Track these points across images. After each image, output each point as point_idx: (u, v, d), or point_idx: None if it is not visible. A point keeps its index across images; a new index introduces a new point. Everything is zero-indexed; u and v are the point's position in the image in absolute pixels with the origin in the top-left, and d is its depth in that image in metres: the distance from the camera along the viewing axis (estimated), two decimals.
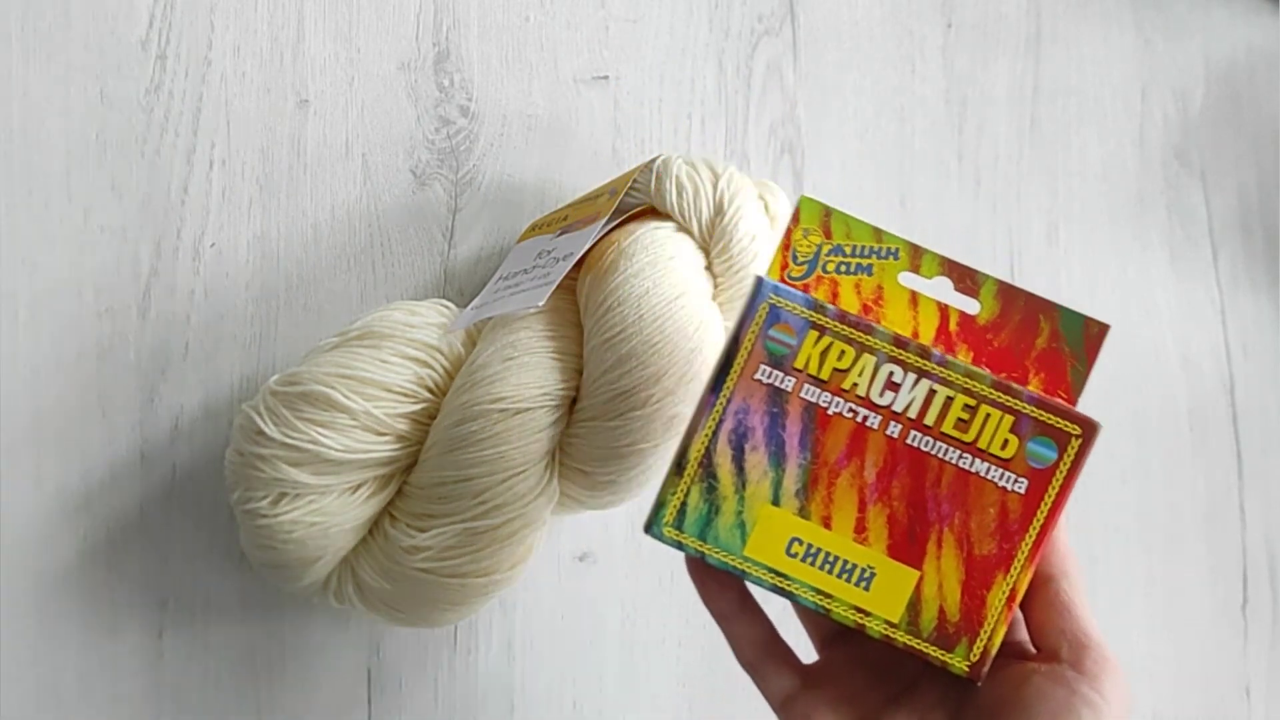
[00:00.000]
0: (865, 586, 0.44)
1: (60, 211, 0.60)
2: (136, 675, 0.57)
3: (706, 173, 0.55)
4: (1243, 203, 0.63)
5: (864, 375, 0.44)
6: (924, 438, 0.44)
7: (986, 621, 0.43)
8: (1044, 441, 0.43)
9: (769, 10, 0.63)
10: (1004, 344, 0.46)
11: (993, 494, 0.43)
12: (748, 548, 0.44)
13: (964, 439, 0.44)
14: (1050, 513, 0.44)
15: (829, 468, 0.44)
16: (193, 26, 0.61)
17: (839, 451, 0.44)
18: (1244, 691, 0.58)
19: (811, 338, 0.44)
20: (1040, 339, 0.46)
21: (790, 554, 0.44)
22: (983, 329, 0.45)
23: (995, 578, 0.43)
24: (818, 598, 0.44)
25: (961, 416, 0.44)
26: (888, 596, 0.44)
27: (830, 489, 0.44)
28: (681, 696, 0.58)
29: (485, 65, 0.62)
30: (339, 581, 0.52)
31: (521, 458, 0.50)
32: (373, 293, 0.60)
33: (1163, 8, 0.65)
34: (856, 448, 0.44)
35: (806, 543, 0.44)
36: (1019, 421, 0.43)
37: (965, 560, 0.43)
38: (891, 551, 0.44)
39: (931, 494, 0.44)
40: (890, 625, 0.44)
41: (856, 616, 0.44)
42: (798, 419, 0.44)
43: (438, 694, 0.57)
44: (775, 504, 0.44)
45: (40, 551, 0.57)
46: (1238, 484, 0.60)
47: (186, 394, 0.59)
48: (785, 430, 0.44)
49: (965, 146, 0.63)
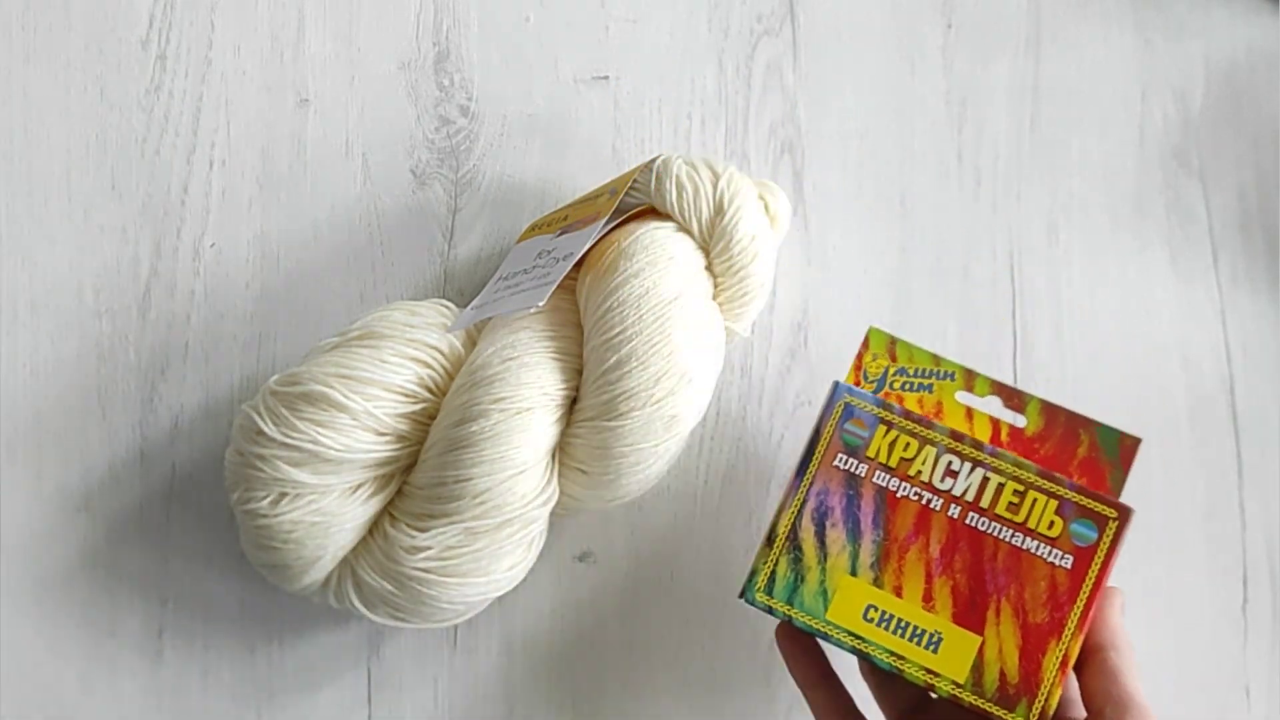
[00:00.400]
0: (934, 650, 0.48)
1: (60, 211, 0.60)
2: (136, 675, 0.57)
3: (706, 173, 0.55)
4: (1243, 203, 0.63)
5: (927, 464, 0.50)
6: (980, 518, 0.49)
7: (1043, 683, 0.48)
8: (1085, 523, 0.49)
9: (769, 10, 0.63)
10: (1049, 453, 0.52)
11: (1043, 568, 0.49)
12: (829, 612, 0.49)
13: (1015, 519, 0.49)
14: (1095, 585, 0.48)
15: (899, 543, 0.50)
16: (193, 26, 0.61)
17: (907, 529, 0.50)
18: (1244, 691, 0.58)
19: (881, 431, 0.51)
20: (1081, 449, 0.52)
21: (867, 619, 0.49)
22: (1030, 440, 0.52)
23: (1049, 644, 0.48)
24: (892, 659, 0.49)
25: (1012, 500, 0.49)
26: (954, 659, 0.48)
27: (901, 562, 0.49)
28: (682, 696, 0.58)
29: (485, 65, 0.62)
30: (339, 581, 0.52)
31: (521, 458, 0.50)
32: (373, 293, 0.60)
33: (1163, 8, 0.65)
34: (922, 526, 0.50)
35: (881, 609, 0.49)
36: (1063, 505, 0.49)
37: (1022, 627, 0.48)
38: (956, 619, 0.49)
39: (989, 567, 0.49)
40: (957, 685, 0.48)
41: (927, 676, 0.48)
42: (871, 500, 0.50)
43: (438, 694, 0.57)
44: (853, 574, 0.49)
45: (40, 551, 0.57)
46: (1238, 484, 0.60)
47: (186, 394, 0.59)
48: (860, 510, 0.50)
49: (965, 146, 0.63)
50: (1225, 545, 0.59)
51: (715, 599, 0.58)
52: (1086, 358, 0.61)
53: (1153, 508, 0.60)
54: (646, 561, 0.58)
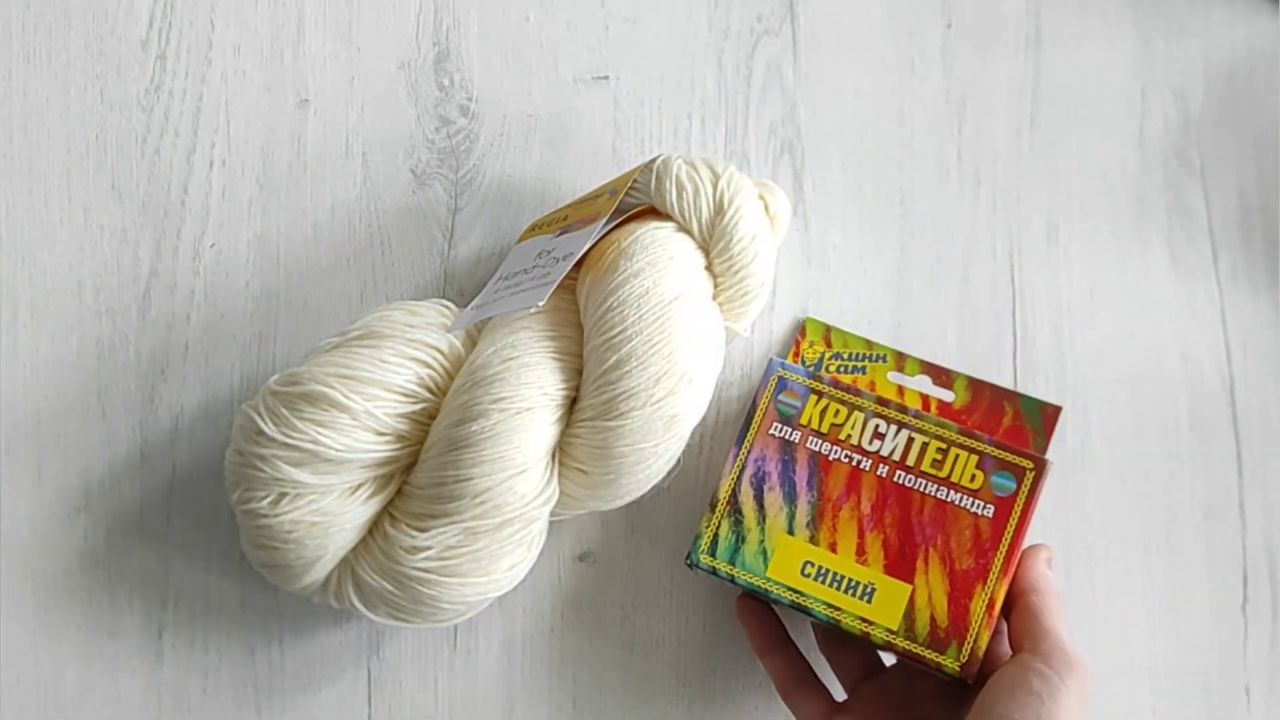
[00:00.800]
0: (868, 600, 0.52)
1: (60, 211, 0.60)
2: (136, 675, 0.57)
3: (706, 172, 0.55)
4: (1243, 203, 0.63)
5: (855, 428, 0.54)
6: (907, 475, 0.53)
7: (972, 626, 0.51)
8: (1004, 475, 0.53)
9: (769, 10, 0.63)
10: (976, 424, 0.56)
11: (967, 519, 0.52)
12: (769, 570, 0.53)
13: (939, 475, 0.53)
14: (1016, 532, 0.52)
15: (832, 503, 0.53)
16: (193, 26, 0.61)
17: (839, 489, 0.54)
18: (1244, 691, 0.58)
19: (812, 400, 0.55)
20: (1006, 419, 0.56)
21: (804, 574, 0.52)
22: (958, 412, 0.57)
23: (975, 589, 0.52)
24: (829, 610, 0.52)
25: (936, 457, 0.53)
26: (887, 608, 0.52)
27: (835, 520, 0.53)
28: (681, 696, 0.58)
29: (485, 65, 0.62)
30: (339, 581, 0.52)
31: (521, 457, 0.50)
32: (373, 293, 0.60)
33: (1163, 8, 0.65)
34: (854, 485, 0.54)
35: (817, 565, 0.53)
36: (983, 459, 0.53)
37: (949, 575, 0.52)
38: (888, 570, 0.52)
39: (917, 521, 0.53)
40: (890, 632, 0.51)
41: (862, 625, 0.52)
42: (805, 464, 0.54)
43: (438, 694, 0.57)
44: (790, 533, 0.53)
45: (40, 551, 0.57)
46: (1238, 484, 0.60)
47: (186, 394, 0.59)
48: (795, 473, 0.54)
49: (965, 146, 0.63)
50: (1225, 545, 0.59)
51: (715, 599, 0.58)
52: (1086, 358, 0.61)
53: (1153, 508, 0.60)
54: (646, 561, 0.58)
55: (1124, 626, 0.59)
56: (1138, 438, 0.60)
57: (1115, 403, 0.61)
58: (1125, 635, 0.59)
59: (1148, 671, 0.59)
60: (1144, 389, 0.61)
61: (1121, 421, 0.61)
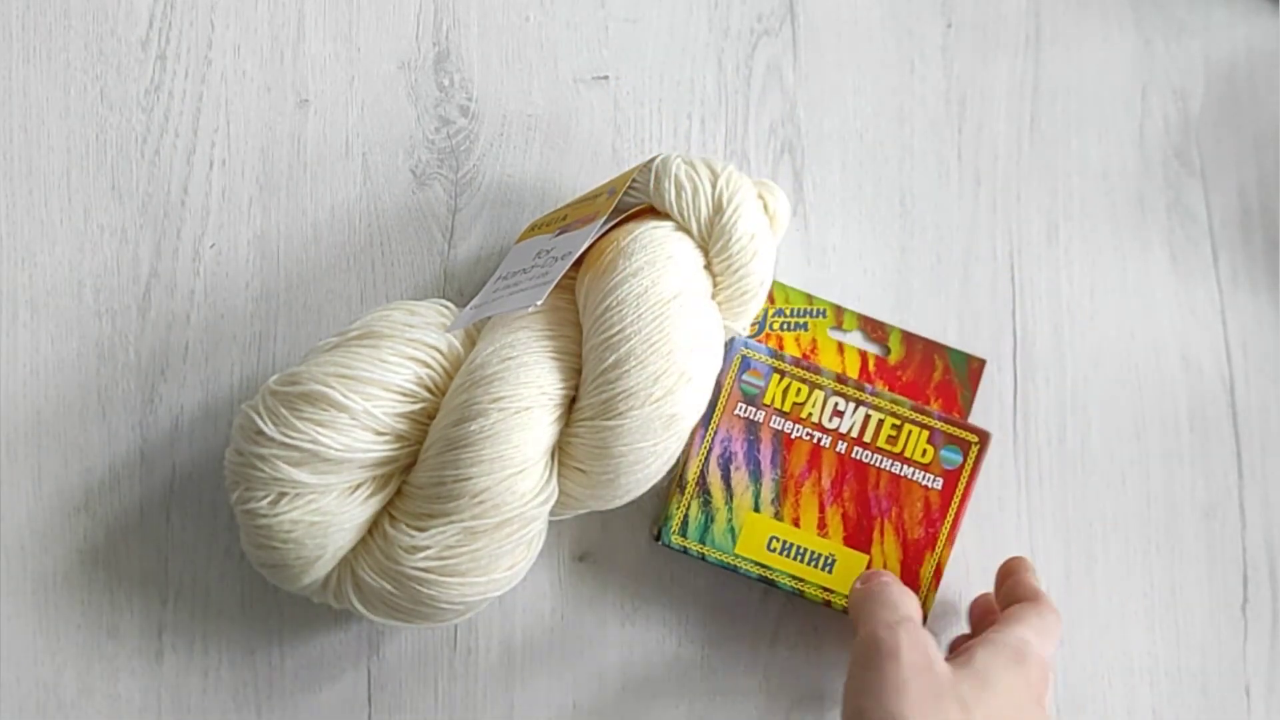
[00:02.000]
0: (829, 570, 0.56)
1: (60, 211, 0.60)
2: (136, 675, 0.57)
3: (705, 172, 0.55)
4: (1243, 203, 0.63)
5: (816, 406, 0.56)
6: (864, 451, 0.56)
7: (921, 590, 0.56)
8: (952, 449, 0.56)
9: (769, 10, 0.63)
10: (909, 379, 0.59)
11: (918, 491, 0.56)
12: (737, 547, 0.56)
13: (894, 450, 0.56)
14: (961, 501, 0.56)
15: (795, 479, 0.56)
16: (193, 26, 0.61)
17: (801, 466, 0.56)
18: (1244, 691, 0.58)
19: (775, 379, 0.57)
20: (936, 373, 0.59)
21: (770, 549, 0.56)
22: (893, 368, 0.59)
23: (925, 555, 0.56)
24: (794, 582, 0.56)
25: (890, 434, 0.56)
26: (846, 577, 0.56)
27: (797, 496, 0.56)
28: (681, 696, 0.58)
29: (485, 65, 0.62)
30: (339, 581, 0.52)
31: (521, 457, 0.50)
32: (373, 293, 0.60)
33: (1163, 8, 0.65)
34: (815, 462, 0.56)
35: (782, 539, 0.56)
36: (933, 435, 0.56)
37: (902, 544, 0.56)
38: (847, 541, 0.56)
39: (873, 494, 0.56)
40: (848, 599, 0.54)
41: (824, 594, 0.56)
42: (769, 443, 0.56)
43: (438, 694, 0.57)
44: (756, 510, 0.56)
45: (40, 551, 0.57)
46: (1238, 484, 0.60)
47: (186, 394, 0.59)
48: (760, 452, 0.56)
49: (965, 146, 0.63)
50: (1225, 545, 0.59)
51: (715, 600, 0.58)
52: (1086, 358, 0.61)
53: (1153, 508, 0.60)
54: (646, 561, 0.58)
55: (1124, 626, 0.59)
56: (1138, 438, 0.60)
57: (1115, 403, 0.61)
58: (1125, 635, 0.59)
59: (1148, 671, 0.59)
60: (1144, 389, 0.61)
61: (1121, 421, 0.61)
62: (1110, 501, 0.60)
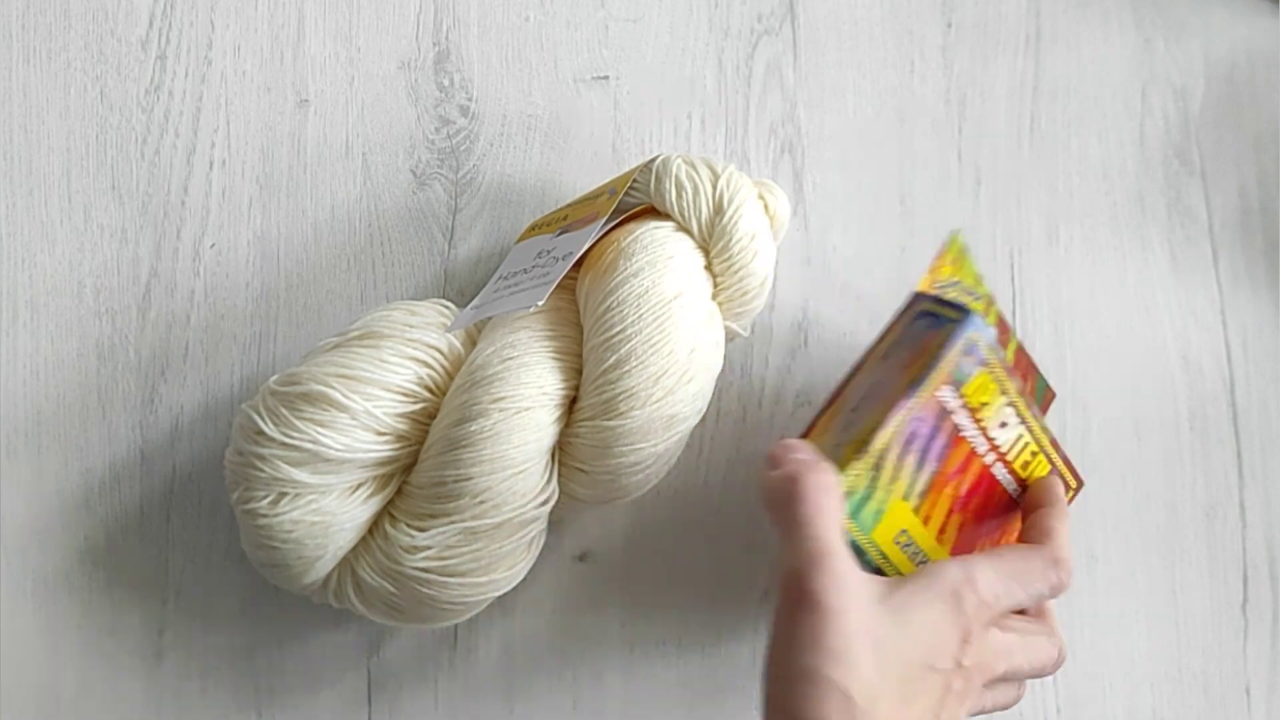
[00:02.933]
0: None
1: (60, 211, 0.60)
2: (136, 675, 0.57)
3: (706, 172, 0.55)
4: (1243, 203, 0.63)
5: (994, 412, 0.50)
6: (1002, 469, 0.51)
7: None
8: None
9: (769, 10, 0.63)
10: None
11: (1017, 523, 0.52)
12: (875, 532, 0.49)
13: (1022, 475, 0.52)
14: None
15: (944, 478, 0.50)
16: (193, 26, 0.61)
17: (955, 466, 0.50)
18: (1244, 691, 0.58)
19: (980, 372, 0.50)
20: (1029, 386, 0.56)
21: (896, 542, 0.50)
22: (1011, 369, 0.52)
23: None
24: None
25: (1026, 459, 0.52)
26: None
27: (938, 495, 0.50)
28: (681, 697, 0.57)
29: (485, 65, 0.62)
30: (339, 581, 0.52)
31: (521, 457, 0.50)
32: (373, 293, 0.60)
33: (1163, 8, 0.65)
34: (965, 466, 0.50)
35: (910, 536, 0.50)
36: (1052, 469, 0.52)
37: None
38: (953, 553, 0.51)
39: (991, 512, 0.52)
40: None
41: None
42: (944, 435, 0.50)
43: (438, 694, 0.57)
44: (905, 499, 0.49)
45: (40, 551, 0.57)
46: (1238, 484, 0.60)
47: (186, 394, 0.59)
48: (934, 441, 0.50)
49: (965, 146, 0.63)
50: (1225, 544, 0.59)
51: (715, 599, 0.58)
52: (1087, 357, 0.61)
53: (1153, 508, 0.60)
54: (646, 561, 0.58)
55: (1124, 626, 0.59)
56: (1138, 438, 0.60)
57: (1115, 403, 0.61)
58: (1125, 635, 0.59)
59: (1148, 671, 0.59)
60: (1144, 389, 0.61)
61: (1121, 421, 0.61)
62: (1110, 501, 0.60)
